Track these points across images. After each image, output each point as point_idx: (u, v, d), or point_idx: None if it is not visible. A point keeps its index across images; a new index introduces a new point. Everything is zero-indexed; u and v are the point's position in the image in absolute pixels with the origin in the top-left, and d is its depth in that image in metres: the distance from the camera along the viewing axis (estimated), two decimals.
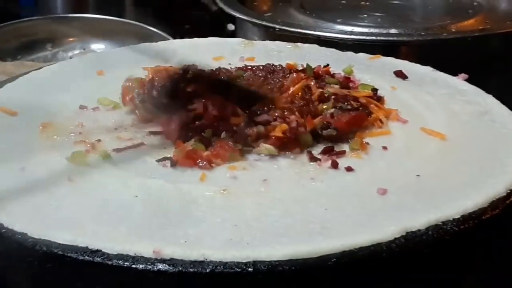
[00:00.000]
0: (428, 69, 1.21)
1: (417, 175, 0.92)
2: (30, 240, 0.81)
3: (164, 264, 0.77)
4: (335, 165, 0.93)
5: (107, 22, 1.91)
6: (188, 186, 0.89)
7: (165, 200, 0.87)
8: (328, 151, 0.96)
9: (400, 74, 1.17)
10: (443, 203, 0.86)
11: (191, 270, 0.77)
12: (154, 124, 1.03)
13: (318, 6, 1.61)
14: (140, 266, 0.77)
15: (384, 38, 1.43)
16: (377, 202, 0.87)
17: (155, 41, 1.44)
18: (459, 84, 1.16)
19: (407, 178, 0.91)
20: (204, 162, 0.93)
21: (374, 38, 1.43)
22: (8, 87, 1.15)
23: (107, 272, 0.79)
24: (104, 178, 0.91)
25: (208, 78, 1.03)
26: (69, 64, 1.39)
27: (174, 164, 0.93)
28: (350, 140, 0.98)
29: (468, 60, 1.27)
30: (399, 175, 0.92)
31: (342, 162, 0.94)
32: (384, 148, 0.98)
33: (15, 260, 0.82)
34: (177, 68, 1.10)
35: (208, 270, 0.77)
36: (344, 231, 0.81)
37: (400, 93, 1.11)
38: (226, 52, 1.25)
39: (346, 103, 1.01)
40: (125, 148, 0.97)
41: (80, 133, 1.01)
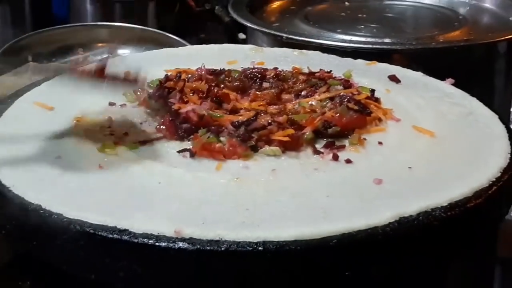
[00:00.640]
0: (419, 74, 1.21)
1: (409, 168, 0.92)
2: (65, 220, 0.81)
3: (184, 243, 0.77)
4: (336, 157, 0.93)
5: (131, 30, 1.91)
6: (205, 174, 0.89)
7: (185, 187, 0.87)
8: (330, 146, 0.96)
9: (393, 78, 1.17)
10: (432, 192, 0.86)
11: (208, 248, 0.77)
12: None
13: (320, 18, 1.61)
14: (163, 244, 0.78)
15: (379, 47, 1.43)
16: (373, 190, 0.87)
17: (174, 47, 1.44)
18: (446, 88, 1.16)
19: (400, 170, 0.91)
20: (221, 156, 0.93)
21: (370, 46, 1.43)
22: (45, 85, 1.15)
23: (133, 249, 0.79)
24: (130, 166, 0.91)
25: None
26: None
27: (192, 155, 0.93)
28: (349, 136, 0.97)
29: (454, 67, 1.27)
30: (393, 167, 0.92)
31: (342, 155, 0.94)
32: (380, 143, 0.97)
33: (52, 238, 0.82)
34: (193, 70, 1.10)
35: (223, 249, 0.77)
36: (344, 216, 0.81)
37: (394, 95, 1.11)
38: (239, 57, 1.25)
39: (351, 102, 1.00)
40: (149, 140, 0.97)
41: (109, 126, 1.01)
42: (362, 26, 1.58)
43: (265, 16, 1.64)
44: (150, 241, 0.78)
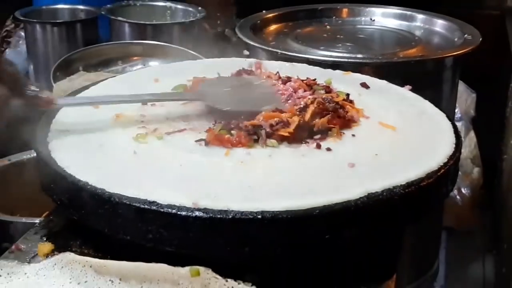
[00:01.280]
0: (384, 82, 1.19)
1: (376, 154, 0.91)
2: (107, 193, 0.81)
3: (200, 212, 0.77)
4: (318, 146, 0.92)
5: (160, 46, 1.91)
6: (216, 159, 0.89)
7: (200, 168, 0.87)
8: (314, 137, 0.95)
9: (364, 85, 1.16)
10: (393, 174, 0.85)
11: (218, 216, 0.77)
12: None
13: (307, 38, 1.60)
14: (183, 213, 0.78)
15: (353, 60, 1.42)
16: (347, 172, 0.87)
17: (193, 60, 1.43)
18: (405, 93, 1.15)
19: (369, 156, 0.91)
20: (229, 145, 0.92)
21: (346, 60, 1.42)
22: (92, 88, 1.14)
23: (159, 217, 0.79)
24: (158, 153, 0.91)
25: None
26: (134, 74, 1.38)
27: (207, 143, 0.92)
28: (330, 130, 0.96)
29: (411, 76, 1.25)
30: (363, 154, 0.91)
31: (324, 144, 0.93)
32: (353, 135, 0.97)
33: (96, 208, 0.82)
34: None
35: (230, 217, 0.77)
36: (324, 192, 0.81)
37: (364, 98, 1.10)
38: (245, 67, 1.24)
39: (330, 103, 0.99)
40: (174, 132, 0.96)
41: (142, 121, 1.00)
42: (340, 44, 1.57)
43: (264, 37, 1.64)
44: (173, 210, 0.78)
